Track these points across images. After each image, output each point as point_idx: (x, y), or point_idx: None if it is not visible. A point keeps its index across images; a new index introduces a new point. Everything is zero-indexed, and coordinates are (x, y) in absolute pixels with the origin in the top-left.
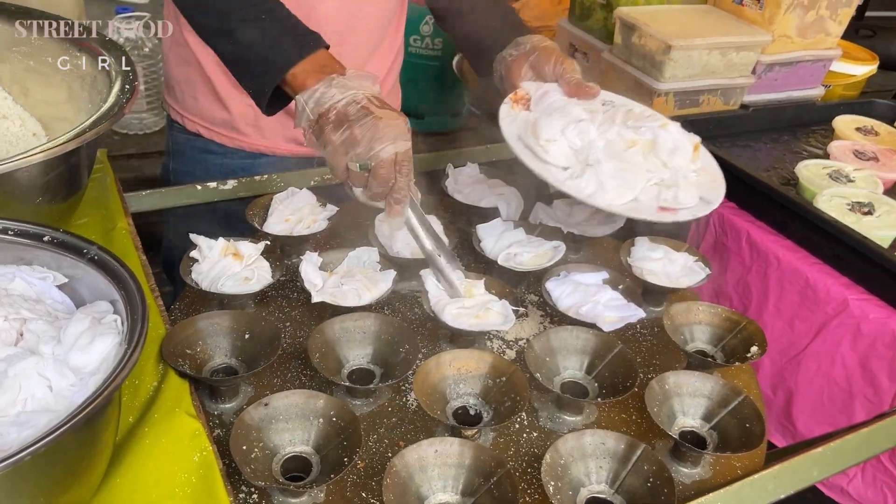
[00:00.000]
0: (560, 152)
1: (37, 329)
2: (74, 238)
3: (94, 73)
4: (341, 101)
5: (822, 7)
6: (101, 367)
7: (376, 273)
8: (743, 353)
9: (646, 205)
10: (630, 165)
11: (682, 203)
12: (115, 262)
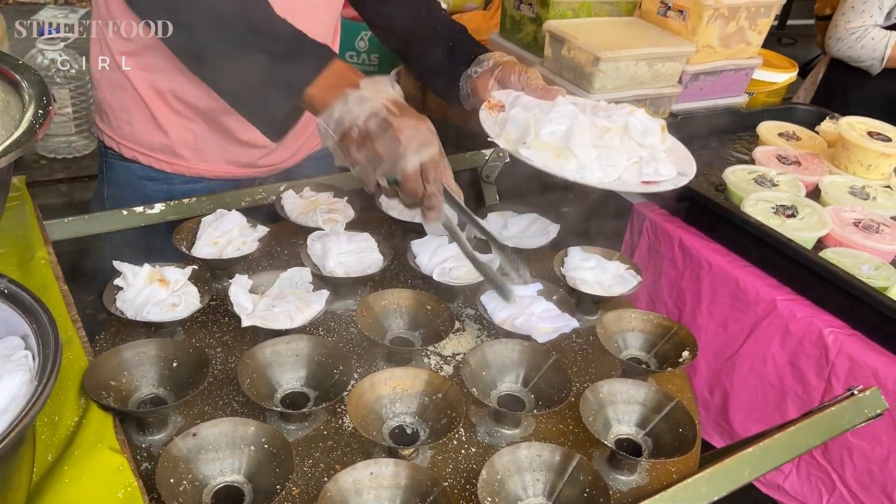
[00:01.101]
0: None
1: None
2: None
3: (7, 98)
4: (361, 117)
5: (742, 18)
6: (9, 407)
7: (309, 294)
8: (675, 359)
9: (630, 180)
10: (609, 150)
11: (662, 175)
12: (26, 295)
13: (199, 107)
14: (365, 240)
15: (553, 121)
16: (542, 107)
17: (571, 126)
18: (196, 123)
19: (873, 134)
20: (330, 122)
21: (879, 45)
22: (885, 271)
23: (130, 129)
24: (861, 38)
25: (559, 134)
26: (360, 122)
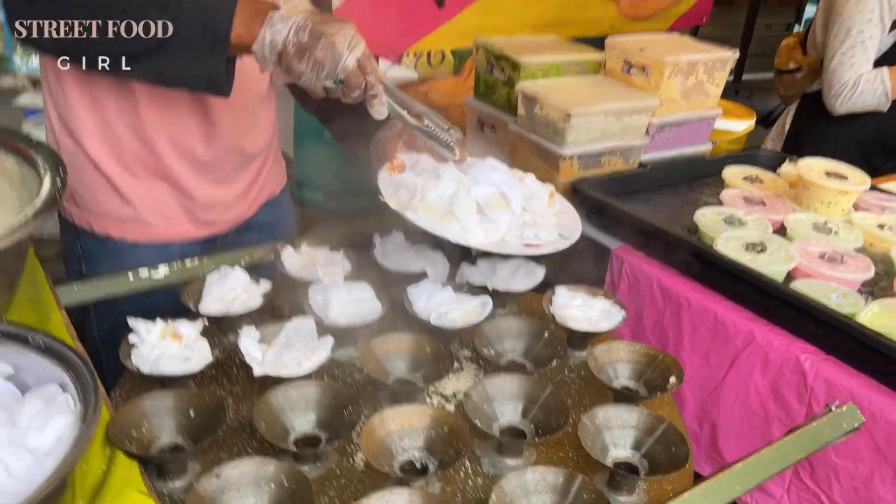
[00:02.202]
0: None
1: None
2: (18, 328)
3: (23, 172)
4: (290, 33)
5: (700, 72)
6: (55, 448)
7: (314, 341)
8: (663, 385)
9: (513, 243)
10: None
11: (542, 239)
12: (61, 346)
13: (156, 166)
14: (363, 290)
15: (440, 186)
16: (436, 171)
17: (456, 191)
18: (156, 185)
19: (831, 174)
20: (263, 48)
21: (877, 85)
22: (852, 298)
23: (97, 206)
24: (858, 86)
25: (445, 198)
26: (291, 37)
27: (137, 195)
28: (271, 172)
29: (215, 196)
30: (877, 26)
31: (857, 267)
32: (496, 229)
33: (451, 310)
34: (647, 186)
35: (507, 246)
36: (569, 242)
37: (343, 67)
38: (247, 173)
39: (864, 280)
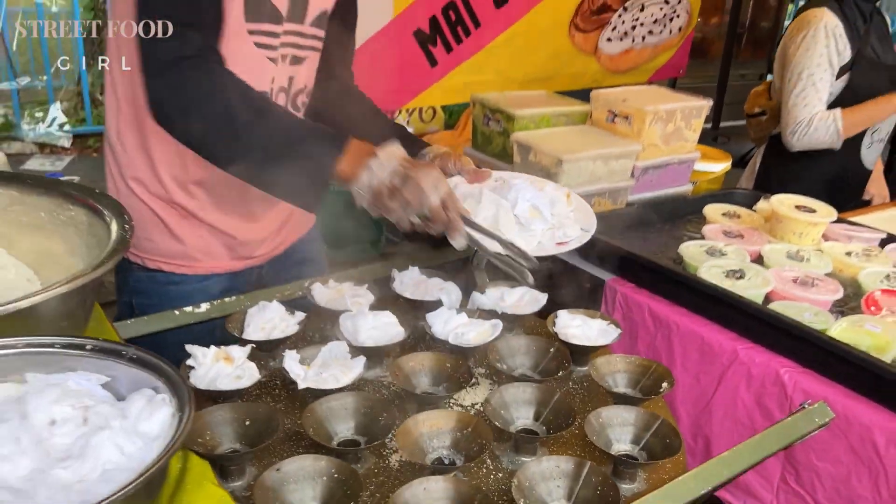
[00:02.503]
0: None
1: (101, 411)
2: (112, 344)
3: (90, 220)
4: (386, 177)
5: (678, 119)
6: (160, 433)
7: (348, 361)
8: (657, 389)
9: (547, 245)
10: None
11: (570, 236)
12: (151, 357)
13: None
14: (387, 317)
15: (482, 210)
16: (475, 195)
17: (497, 212)
18: (201, 227)
19: (801, 207)
20: (363, 188)
21: (830, 125)
22: (824, 317)
23: (151, 245)
24: (812, 124)
25: (489, 219)
26: (386, 181)
27: (186, 234)
28: (299, 214)
29: (251, 234)
30: (826, 70)
31: (828, 289)
32: (532, 237)
33: (467, 332)
34: (635, 224)
35: (544, 248)
36: (589, 234)
37: (428, 205)
38: (279, 214)
39: (834, 300)
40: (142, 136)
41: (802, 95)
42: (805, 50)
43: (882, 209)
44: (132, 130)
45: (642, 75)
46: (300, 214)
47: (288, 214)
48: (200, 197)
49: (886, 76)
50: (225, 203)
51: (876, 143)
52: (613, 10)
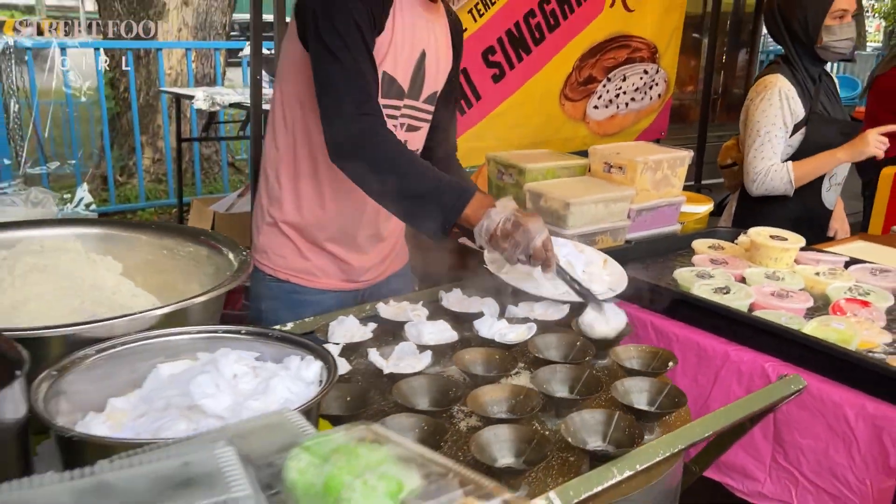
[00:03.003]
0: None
1: (268, 367)
2: (260, 328)
3: (208, 253)
4: (500, 223)
5: (665, 168)
6: (314, 379)
7: (417, 355)
8: (664, 367)
9: (573, 294)
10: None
11: (595, 291)
12: (291, 335)
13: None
14: (442, 324)
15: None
16: None
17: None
18: (323, 252)
19: (774, 237)
20: (482, 231)
21: (783, 173)
22: (798, 320)
23: (283, 261)
24: (768, 174)
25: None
26: (500, 225)
27: (312, 255)
28: (399, 251)
29: (360, 263)
30: (780, 128)
31: (800, 300)
32: (561, 285)
33: (507, 332)
34: (634, 258)
35: (570, 296)
36: (616, 293)
37: (533, 245)
38: (382, 251)
39: (806, 308)
40: (295, 180)
41: (761, 150)
42: (762, 111)
43: (844, 243)
44: (288, 176)
45: (628, 138)
46: (398, 253)
47: (389, 251)
48: (329, 231)
49: (837, 129)
50: (346, 238)
51: (834, 186)
52: (598, 80)
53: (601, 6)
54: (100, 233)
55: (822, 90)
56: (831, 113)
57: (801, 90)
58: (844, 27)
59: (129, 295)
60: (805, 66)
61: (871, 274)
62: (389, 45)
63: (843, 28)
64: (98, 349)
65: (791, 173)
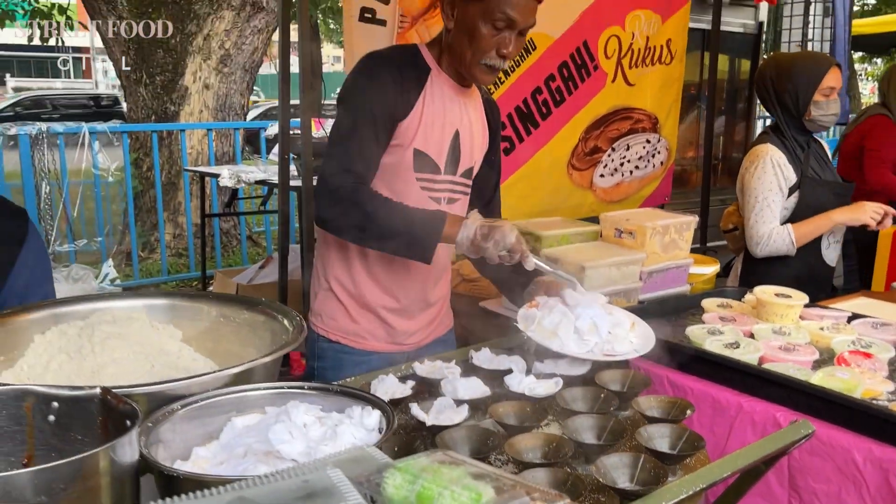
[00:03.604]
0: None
1: (332, 416)
2: (322, 384)
3: (263, 319)
4: (476, 231)
5: (672, 232)
6: (375, 426)
7: (455, 409)
8: (683, 415)
9: (596, 353)
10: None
11: (618, 351)
12: (351, 388)
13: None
14: (475, 380)
15: (549, 317)
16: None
17: (560, 320)
18: (376, 319)
19: (779, 295)
20: (463, 241)
21: (784, 235)
22: (805, 372)
23: (335, 324)
24: (771, 237)
25: (553, 324)
26: (478, 232)
27: (362, 318)
28: (444, 316)
29: (406, 327)
30: (777, 193)
31: (807, 352)
32: (586, 345)
33: (536, 387)
34: (646, 317)
35: (592, 354)
36: (639, 354)
37: (508, 242)
38: (428, 315)
39: (812, 360)
40: (345, 249)
41: (761, 215)
42: (758, 178)
43: (847, 299)
44: (338, 244)
45: (633, 204)
46: (443, 319)
47: (434, 316)
48: (377, 296)
49: (829, 190)
50: (393, 303)
51: (833, 244)
52: (603, 150)
53: (604, 81)
54: (165, 303)
55: (812, 155)
56: (822, 176)
57: (790, 157)
58: (831, 103)
59: (190, 359)
60: (793, 134)
61: (873, 328)
62: (419, 126)
63: (830, 104)
64: (182, 404)
65: (792, 234)
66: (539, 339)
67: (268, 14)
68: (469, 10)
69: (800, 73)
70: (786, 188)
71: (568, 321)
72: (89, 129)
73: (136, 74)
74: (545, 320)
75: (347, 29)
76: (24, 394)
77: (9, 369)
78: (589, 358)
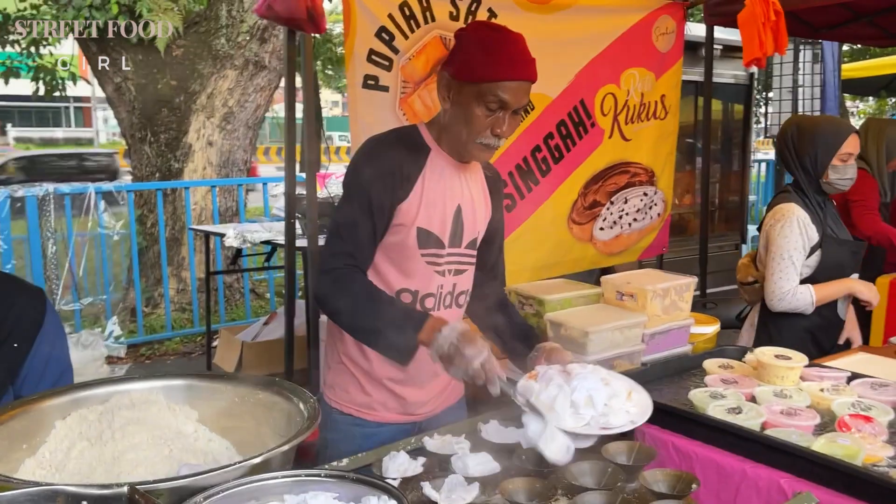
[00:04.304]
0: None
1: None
2: (339, 471)
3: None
4: (446, 346)
5: (672, 294)
6: None
7: (466, 487)
8: (689, 489)
9: (592, 426)
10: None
11: (613, 424)
12: (367, 476)
13: (388, 384)
14: (484, 455)
15: (546, 391)
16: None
17: (557, 394)
18: (386, 391)
19: (779, 356)
20: (436, 351)
21: (806, 296)
22: (807, 438)
23: (347, 396)
24: (793, 294)
25: (550, 398)
26: (446, 348)
27: (373, 391)
28: (455, 385)
29: (417, 397)
30: (801, 252)
31: (808, 417)
32: (582, 419)
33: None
34: (650, 380)
35: (589, 428)
36: (635, 425)
37: (472, 366)
38: (437, 385)
39: (814, 425)
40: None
41: (786, 272)
42: (784, 237)
43: (846, 356)
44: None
45: (632, 255)
46: (453, 388)
47: (444, 386)
48: (388, 368)
49: (848, 249)
50: (404, 374)
51: (845, 298)
52: (602, 204)
53: (601, 138)
54: (182, 384)
55: (828, 215)
56: (838, 234)
57: (813, 216)
58: (848, 168)
59: (206, 440)
60: (813, 194)
61: (872, 388)
62: (420, 205)
63: (847, 168)
64: (205, 497)
65: (813, 296)
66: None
67: (269, 73)
68: (464, 92)
69: (821, 138)
70: (808, 247)
71: (564, 395)
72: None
73: (141, 133)
74: (542, 395)
75: (352, 96)
76: (55, 494)
77: (31, 457)
78: (584, 433)
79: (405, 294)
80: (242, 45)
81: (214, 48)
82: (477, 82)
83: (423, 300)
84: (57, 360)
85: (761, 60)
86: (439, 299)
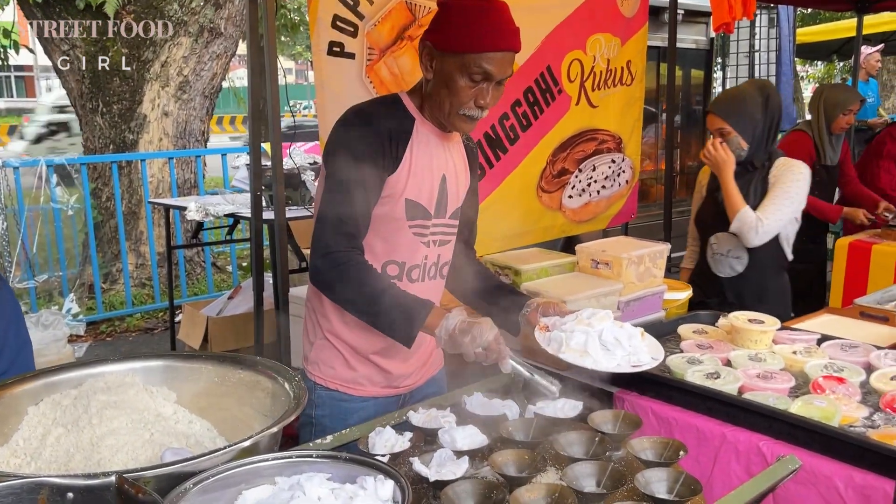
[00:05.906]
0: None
1: (346, 488)
2: (331, 451)
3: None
4: (456, 325)
5: (647, 261)
6: (390, 497)
7: (455, 461)
8: (676, 456)
9: (625, 366)
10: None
11: (642, 362)
12: (362, 456)
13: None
14: (472, 428)
15: (575, 337)
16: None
17: (586, 339)
18: (372, 365)
19: (753, 320)
20: (442, 332)
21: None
22: (784, 400)
23: (332, 372)
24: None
25: (581, 343)
26: (457, 326)
27: (359, 365)
28: (436, 356)
29: (401, 370)
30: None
31: (783, 380)
32: (613, 359)
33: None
34: None
35: (622, 368)
36: (657, 361)
37: (486, 340)
38: (421, 357)
39: (789, 387)
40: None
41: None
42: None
43: (812, 318)
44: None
45: (601, 223)
46: (435, 359)
47: (427, 357)
48: (372, 343)
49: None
50: (388, 348)
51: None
52: (571, 172)
53: (568, 104)
54: (160, 365)
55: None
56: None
57: None
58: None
59: (187, 422)
60: None
61: (842, 350)
62: (409, 177)
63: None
64: (195, 482)
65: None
66: (572, 361)
67: (226, 39)
68: (447, 62)
69: None
70: None
71: (593, 339)
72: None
73: (92, 104)
74: (571, 341)
75: (317, 63)
76: (39, 486)
77: (4, 445)
78: (619, 371)
79: (392, 266)
80: (196, 11)
81: (167, 14)
82: (461, 53)
83: (409, 272)
84: (16, 336)
85: (730, 25)
86: (424, 270)
